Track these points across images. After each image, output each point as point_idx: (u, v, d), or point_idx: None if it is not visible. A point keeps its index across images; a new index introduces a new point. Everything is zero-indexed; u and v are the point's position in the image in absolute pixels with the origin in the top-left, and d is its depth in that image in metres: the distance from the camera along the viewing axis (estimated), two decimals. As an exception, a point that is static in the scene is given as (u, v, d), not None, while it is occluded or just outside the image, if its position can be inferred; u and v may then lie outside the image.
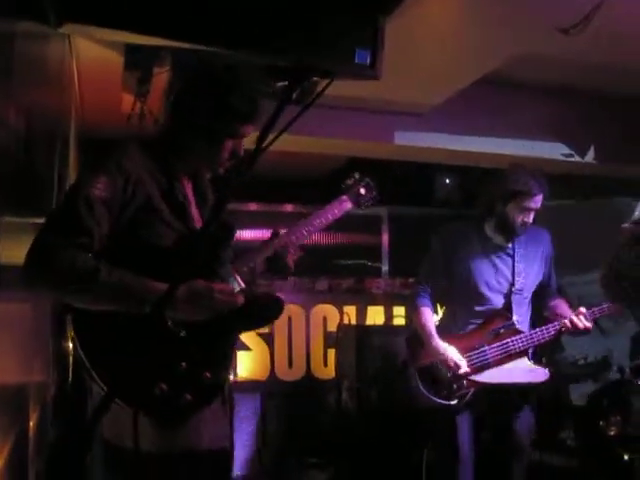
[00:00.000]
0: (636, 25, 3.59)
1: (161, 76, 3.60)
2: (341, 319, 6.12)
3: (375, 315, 6.24)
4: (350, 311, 6.18)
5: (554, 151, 5.03)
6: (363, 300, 6.24)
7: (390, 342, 4.86)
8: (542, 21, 3.42)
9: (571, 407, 4.96)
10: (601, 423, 4.31)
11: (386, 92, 4.13)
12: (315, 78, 2.05)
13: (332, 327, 6.01)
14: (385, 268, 6.57)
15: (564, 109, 4.91)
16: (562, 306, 3.83)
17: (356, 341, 5.28)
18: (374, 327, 6.04)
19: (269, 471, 5.20)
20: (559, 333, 3.70)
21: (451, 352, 3.68)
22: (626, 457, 4.07)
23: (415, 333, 3.84)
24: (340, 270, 6.39)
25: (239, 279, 2.32)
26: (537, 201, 3.68)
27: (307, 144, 4.70)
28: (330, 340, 5.98)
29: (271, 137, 1.81)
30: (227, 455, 2.36)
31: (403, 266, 6.38)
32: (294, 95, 1.97)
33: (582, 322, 3.64)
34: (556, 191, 5.79)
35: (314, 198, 2.66)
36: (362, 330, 5.55)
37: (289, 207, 6.13)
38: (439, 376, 3.70)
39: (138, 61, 3.33)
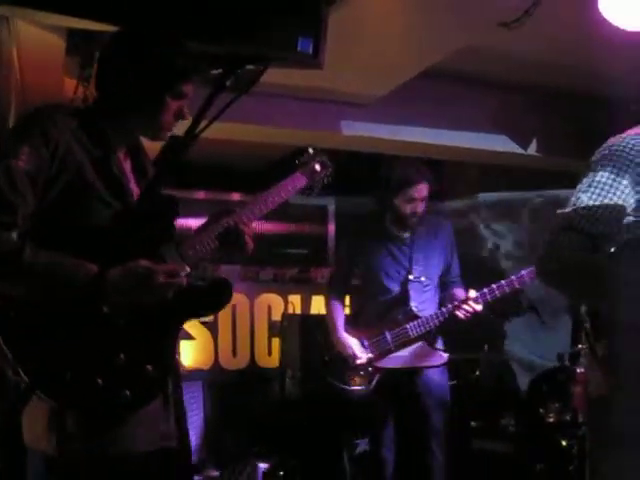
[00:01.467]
0: (572, 25, 3.66)
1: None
2: (286, 308, 6.13)
3: (320, 305, 6.19)
4: (295, 300, 6.19)
5: (497, 143, 5.08)
6: (308, 290, 6.25)
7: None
8: (486, 14, 3.46)
9: (513, 394, 5.05)
10: (541, 410, 4.40)
11: (331, 82, 4.13)
12: (251, 66, 2.02)
13: (277, 316, 6.02)
14: (331, 258, 6.57)
15: (508, 102, 4.96)
16: (459, 293, 3.99)
17: (300, 330, 5.30)
18: (319, 316, 6.02)
19: (212, 460, 5.19)
20: (452, 316, 3.86)
21: (350, 342, 3.92)
22: (564, 443, 4.15)
23: (327, 327, 4.10)
24: (285, 259, 6.37)
25: (184, 262, 2.13)
26: (421, 190, 3.89)
27: (253, 133, 4.67)
28: (274, 329, 5.98)
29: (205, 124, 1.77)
30: (173, 456, 2.16)
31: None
32: (228, 83, 1.92)
33: (471, 306, 3.81)
34: (499, 182, 5.90)
35: (261, 187, 2.61)
36: (306, 319, 5.56)
37: (236, 196, 6.09)
38: (345, 365, 3.92)
39: (80, 45, 3.26)
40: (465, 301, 3.82)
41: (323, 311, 6.21)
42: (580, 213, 2.14)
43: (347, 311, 4.30)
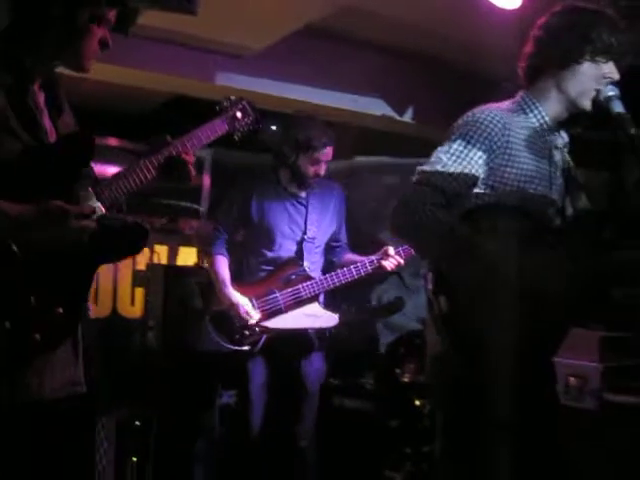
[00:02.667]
0: None
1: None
2: (151, 258, 5.99)
3: (187, 256, 6.16)
4: (161, 251, 6.04)
5: (374, 107, 5.13)
6: (175, 240, 6.13)
7: (200, 283, 4.84)
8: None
9: (372, 354, 5.17)
10: (397, 370, 4.53)
11: (209, 30, 4.03)
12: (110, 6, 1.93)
13: (141, 266, 5.87)
14: (204, 211, 6.47)
15: (387, 67, 4.99)
16: (357, 257, 4.01)
17: (165, 281, 5.20)
18: (184, 268, 5.95)
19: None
20: (366, 274, 3.86)
21: (242, 301, 3.78)
22: (417, 402, 4.30)
23: (209, 279, 3.92)
24: (157, 209, 6.18)
25: (99, 203, 2.03)
26: (327, 153, 3.84)
27: (127, 76, 4.50)
28: (139, 279, 5.85)
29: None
30: (82, 401, 2.11)
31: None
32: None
33: (395, 258, 3.84)
34: (374, 147, 5.96)
35: (139, 133, 2.48)
36: (172, 270, 5.46)
37: (114, 141, 5.88)
38: (231, 323, 3.79)
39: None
40: (386, 255, 3.83)
41: (190, 262, 6.19)
42: (437, 170, 2.27)
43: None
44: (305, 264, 3.84)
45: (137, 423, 4.55)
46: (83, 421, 2.19)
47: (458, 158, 2.28)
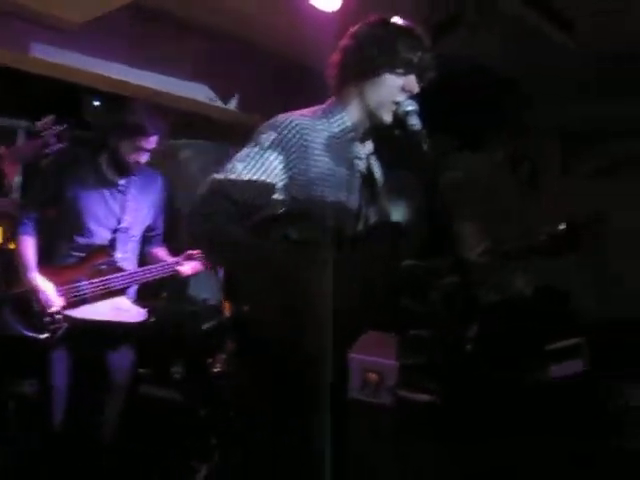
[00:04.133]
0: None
1: None
2: (-47, 235, 5.63)
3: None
4: (-34, 229, 5.71)
5: (198, 92, 5.06)
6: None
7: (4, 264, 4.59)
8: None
9: (184, 344, 5.12)
10: (209, 360, 4.51)
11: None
12: None
13: None
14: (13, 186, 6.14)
15: (214, 53, 4.95)
16: (163, 253, 3.95)
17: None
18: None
19: None
20: (168, 274, 3.80)
21: (44, 286, 3.56)
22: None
23: (11, 259, 3.66)
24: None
25: None
26: (152, 141, 3.66)
27: None
28: None
29: None
30: None
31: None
32: None
33: (188, 268, 3.84)
34: (197, 132, 5.90)
35: None
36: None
37: None
38: (30, 308, 3.56)
39: None
40: (189, 258, 3.80)
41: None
42: (231, 180, 2.23)
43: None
44: (117, 254, 3.69)
45: None
46: None
47: (254, 167, 2.25)
